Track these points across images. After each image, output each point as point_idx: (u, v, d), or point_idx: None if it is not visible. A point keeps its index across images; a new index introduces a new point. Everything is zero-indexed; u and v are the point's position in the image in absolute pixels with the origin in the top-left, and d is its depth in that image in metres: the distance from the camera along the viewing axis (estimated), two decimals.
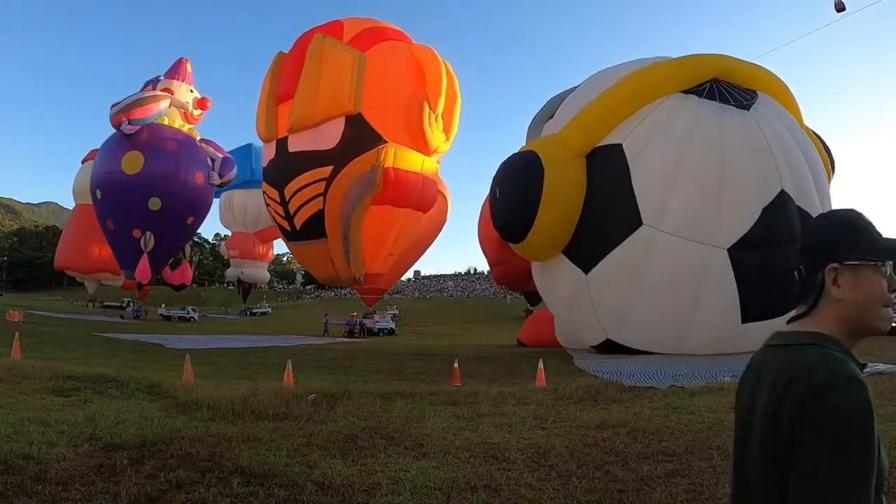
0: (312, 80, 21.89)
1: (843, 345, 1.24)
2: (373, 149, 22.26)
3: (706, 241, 12.33)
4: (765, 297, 12.37)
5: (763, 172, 12.62)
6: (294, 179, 22.50)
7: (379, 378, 12.08)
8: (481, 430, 6.15)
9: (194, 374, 9.72)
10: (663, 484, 4.31)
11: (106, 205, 31.96)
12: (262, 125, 24.00)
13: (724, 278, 12.43)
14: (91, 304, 56.06)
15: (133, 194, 30.78)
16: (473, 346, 26.32)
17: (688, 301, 12.67)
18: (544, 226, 13.50)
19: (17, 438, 4.96)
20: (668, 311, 12.97)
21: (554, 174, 13.29)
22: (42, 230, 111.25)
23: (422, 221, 25.62)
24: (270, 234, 51.35)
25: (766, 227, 12.39)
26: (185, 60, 36.50)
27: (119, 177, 30.95)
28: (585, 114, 14.00)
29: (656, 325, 13.35)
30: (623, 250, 12.87)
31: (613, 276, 13.19)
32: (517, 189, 14.01)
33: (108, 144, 33.16)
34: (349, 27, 23.67)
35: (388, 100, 22.53)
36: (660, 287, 12.75)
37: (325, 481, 4.25)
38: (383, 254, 24.94)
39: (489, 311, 65.15)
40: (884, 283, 1.24)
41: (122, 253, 33.42)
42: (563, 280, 14.58)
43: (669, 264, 12.58)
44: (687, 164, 12.59)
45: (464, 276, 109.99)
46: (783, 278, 12.46)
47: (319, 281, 34.88)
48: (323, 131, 21.99)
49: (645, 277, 12.80)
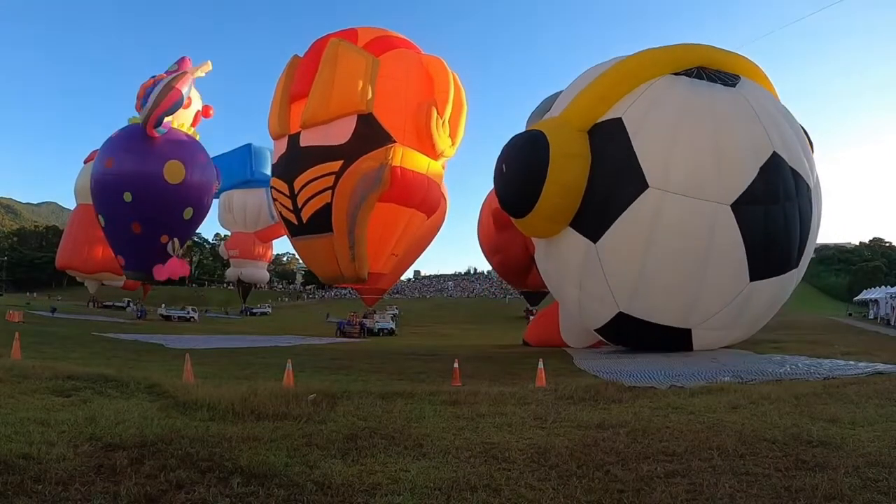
0: (327, 79, 22.55)
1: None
2: (382, 147, 22.83)
3: (710, 199, 12.84)
4: (769, 252, 13.12)
5: (754, 137, 13.31)
6: (304, 172, 23.01)
7: (379, 378, 12.08)
8: (481, 430, 6.15)
9: (194, 374, 9.72)
10: (663, 484, 4.31)
11: (137, 208, 31.69)
12: (274, 122, 24.46)
13: (730, 234, 12.89)
14: (91, 304, 56.09)
15: (173, 203, 31.82)
16: (473, 346, 26.34)
17: (698, 260, 13.07)
18: (550, 197, 13.86)
19: (17, 438, 4.96)
20: (680, 272, 13.31)
21: (559, 148, 13.78)
22: (42, 230, 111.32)
23: (424, 223, 25.93)
24: (270, 234, 51.43)
25: (764, 183, 12.97)
26: (187, 59, 36.46)
27: (161, 184, 31.40)
28: (584, 94, 14.64)
29: (669, 289, 13.60)
30: (631, 214, 13.21)
31: (623, 242, 13.43)
32: (523, 163, 14.40)
33: (133, 145, 31.89)
34: (363, 35, 24.56)
35: (399, 102, 23.34)
36: (670, 248, 13.12)
37: (325, 481, 4.25)
38: (386, 253, 25.19)
39: (489, 311, 65.17)
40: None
41: (139, 255, 33.30)
42: (572, 254, 14.61)
43: (677, 224, 13.01)
44: (684, 132, 13.31)
45: (464, 276, 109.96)
46: (784, 235, 13.40)
47: (320, 280, 34.86)
48: (335, 127, 22.62)
49: (654, 240, 13.16)
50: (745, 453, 5.11)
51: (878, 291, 39.46)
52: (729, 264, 13.23)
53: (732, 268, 13.27)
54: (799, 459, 4.88)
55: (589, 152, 13.93)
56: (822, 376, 10.75)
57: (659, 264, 13.31)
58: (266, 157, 49.12)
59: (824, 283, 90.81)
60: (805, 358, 15.15)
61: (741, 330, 15.19)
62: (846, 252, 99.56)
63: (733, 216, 12.87)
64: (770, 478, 4.42)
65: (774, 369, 12.19)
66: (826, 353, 16.62)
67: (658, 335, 14.57)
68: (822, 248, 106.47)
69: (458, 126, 25.63)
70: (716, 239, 12.95)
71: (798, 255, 14.21)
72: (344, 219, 22.88)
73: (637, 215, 13.18)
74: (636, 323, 14.43)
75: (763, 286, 13.61)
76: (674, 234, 13.08)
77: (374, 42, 24.13)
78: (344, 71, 22.42)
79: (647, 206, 13.07)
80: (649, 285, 13.65)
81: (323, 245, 23.62)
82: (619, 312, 14.50)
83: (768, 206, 13.04)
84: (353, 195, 22.68)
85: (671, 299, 13.76)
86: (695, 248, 13.05)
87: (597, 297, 14.70)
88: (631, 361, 15.56)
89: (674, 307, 13.93)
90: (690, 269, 13.24)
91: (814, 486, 4.16)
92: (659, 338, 14.68)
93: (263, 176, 47.53)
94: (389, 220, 23.90)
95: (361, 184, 22.63)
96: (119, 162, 32.11)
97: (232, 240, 55.44)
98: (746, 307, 13.88)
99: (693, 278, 13.31)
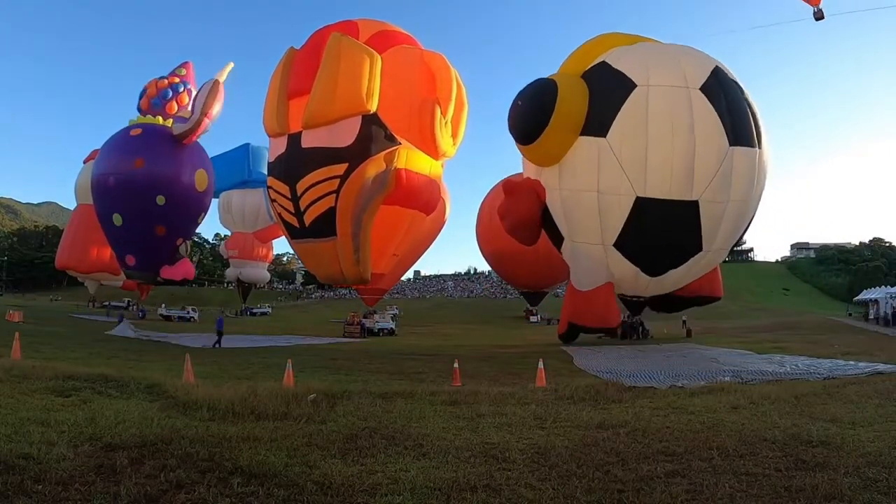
0: (330, 77, 21.86)
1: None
2: (387, 149, 22.40)
3: (684, 85, 17.16)
4: (736, 123, 17.17)
5: (701, 56, 18.87)
6: (307, 175, 22.31)
7: (379, 378, 12.08)
8: (481, 430, 6.15)
9: (194, 374, 9.72)
10: (663, 484, 4.31)
11: (167, 212, 32.08)
12: (272, 120, 23.65)
13: (704, 109, 16.96)
14: (91, 304, 56.05)
15: (196, 210, 33.74)
16: (473, 346, 26.32)
17: (686, 131, 16.70)
18: (559, 122, 17.60)
19: (17, 438, 4.95)
20: (675, 144, 16.76)
21: (565, 88, 17.96)
22: (42, 230, 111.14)
23: (425, 223, 25.68)
24: (269, 234, 51.15)
25: (717, 78, 17.70)
26: (190, 64, 36.63)
27: (193, 192, 32.62)
28: (572, 57, 19.60)
29: (670, 161, 16.87)
30: (627, 108, 17.05)
31: (627, 130, 17.07)
32: (536, 98, 18.16)
33: (162, 148, 31.89)
34: (364, 28, 23.75)
35: (401, 102, 22.67)
36: (663, 126, 16.78)
37: (325, 481, 4.25)
38: (388, 254, 24.93)
39: (489, 311, 65.13)
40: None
41: (153, 256, 33.60)
42: (587, 159, 17.90)
43: (663, 108, 16.96)
44: (653, 56, 18.26)
45: (464, 276, 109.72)
46: (745, 114, 17.80)
47: (320, 281, 34.84)
48: (339, 129, 21.97)
49: (649, 121, 16.91)
50: (745, 453, 5.11)
51: (878, 291, 39.44)
52: (710, 132, 16.90)
53: (713, 135, 16.98)
54: (799, 459, 4.88)
55: (587, 89, 17.94)
56: (822, 376, 10.76)
57: (657, 140, 16.81)
58: (263, 157, 48.85)
59: (824, 283, 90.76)
60: (805, 358, 15.17)
61: (735, 207, 17.86)
62: (846, 252, 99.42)
63: (703, 96, 17.08)
64: (770, 478, 4.42)
65: (774, 369, 12.21)
66: (826, 353, 16.64)
67: (672, 219, 17.33)
68: (823, 248, 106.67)
69: (460, 125, 25.16)
70: (694, 112, 16.84)
71: (758, 137, 17.94)
72: (349, 222, 22.40)
73: (632, 107, 16.98)
74: (652, 206, 17.21)
75: (741, 155, 17.23)
76: (663, 116, 16.81)
77: (375, 37, 23.27)
78: (347, 69, 21.64)
79: (639, 99, 17.06)
80: (654, 159, 16.94)
81: (326, 249, 23.18)
82: (636, 198, 17.25)
83: (725, 91, 17.53)
84: (359, 198, 22.10)
85: (674, 171, 16.89)
86: (680, 123, 16.74)
87: (615, 190, 17.51)
88: (631, 361, 15.58)
89: (678, 178, 16.84)
90: (682, 139, 16.75)
91: (814, 486, 4.16)
92: (673, 223, 17.42)
93: (262, 176, 47.32)
94: (392, 221, 23.45)
95: (367, 186, 22.15)
96: (151, 163, 31.67)
97: (231, 240, 55.09)
98: (732, 176, 17.17)
99: (687, 147, 16.73)
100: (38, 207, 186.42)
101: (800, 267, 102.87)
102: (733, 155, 17.08)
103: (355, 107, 21.79)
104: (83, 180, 40.23)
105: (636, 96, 17.17)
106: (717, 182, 17.04)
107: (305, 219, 22.84)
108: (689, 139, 16.78)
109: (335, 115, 21.87)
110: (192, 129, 31.26)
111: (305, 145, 22.49)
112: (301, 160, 22.61)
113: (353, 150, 21.98)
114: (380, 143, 22.30)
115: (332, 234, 22.61)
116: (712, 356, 16.71)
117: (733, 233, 18.60)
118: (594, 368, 13.82)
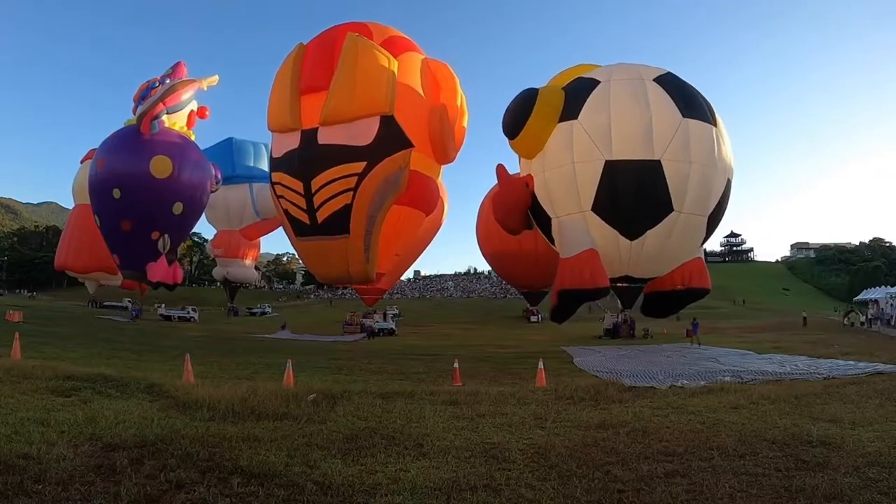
0: (349, 75, 22.09)
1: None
2: (402, 150, 22.80)
3: (640, 77, 20.67)
4: (691, 103, 20.01)
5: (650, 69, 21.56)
6: (324, 172, 22.43)
7: (379, 378, 12.08)
8: (481, 430, 6.14)
9: (194, 374, 9.71)
10: (663, 484, 4.31)
11: (126, 205, 31.73)
12: (283, 115, 23.52)
13: (658, 91, 20.04)
14: (91, 304, 56.00)
15: (161, 198, 31.39)
16: (473, 346, 26.33)
17: (644, 106, 19.70)
18: (540, 111, 21.08)
19: (17, 438, 4.95)
20: (635, 115, 19.53)
21: (545, 91, 21.88)
22: (42, 230, 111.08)
23: (425, 223, 25.89)
24: (255, 232, 49.84)
25: (671, 75, 20.86)
26: (182, 64, 36.49)
27: (147, 179, 31.18)
28: (555, 78, 23.15)
29: (631, 129, 19.47)
30: (594, 95, 20.46)
31: (594, 111, 20.17)
32: (521, 98, 21.59)
33: (123, 143, 32.11)
34: (376, 32, 24.09)
35: (414, 107, 23.22)
36: (623, 104, 19.84)
37: (325, 481, 4.25)
38: (392, 254, 25.04)
39: (489, 311, 65.12)
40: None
41: (132, 253, 33.28)
42: (564, 140, 20.61)
43: (623, 91, 20.17)
44: (615, 73, 21.43)
45: (464, 276, 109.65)
46: (698, 95, 20.75)
47: (320, 280, 34.52)
48: (357, 127, 22.14)
49: (612, 102, 20.13)
50: (745, 453, 5.11)
51: (878, 291, 39.45)
52: (664, 106, 19.63)
53: (667, 108, 19.65)
54: (799, 459, 4.88)
55: (562, 91, 21.36)
56: (822, 376, 10.77)
57: (619, 111, 19.77)
58: (247, 152, 47.96)
59: (824, 282, 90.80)
60: (805, 358, 15.18)
61: (699, 170, 19.81)
62: (846, 252, 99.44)
63: (657, 84, 20.05)
64: (770, 478, 4.42)
65: (774, 369, 12.21)
66: (826, 353, 16.65)
67: (640, 177, 19.41)
68: (823, 248, 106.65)
69: (462, 133, 25.94)
70: (650, 95, 19.74)
71: (712, 115, 20.54)
72: (363, 221, 22.55)
73: (598, 95, 20.28)
74: (620, 167, 19.44)
75: (695, 125, 19.61)
76: (623, 96, 20.00)
77: (387, 42, 23.56)
78: (366, 69, 21.88)
79: (603, 88, 20.45)
80: (617, 127, 19.70)
81: (335, 247, 23.20)
82: (605, 162, 19.60)
83: (678, 83, 20.65)
84: (374, 197, 22.42)
85: (636, 136, 19.37)
86: (638, 100, 19.71)
87: (587, 158, 20.02)
88: (631, 361, 15.59)
89: (640, 142, 19.38)
90: (640, 108, 19.64)
91: (814, 485, 4.15)
92: (642, 181, 19.41)
93: (246, 171, 46.63)
94: (398, 221, 23.75)
95: (382, 186, 22.50)
96: (108, 161, 32.17)
97: (217, 238, 52.38)
98: (689, 141, 19.39)
99: (644, 114, 19.46)
100: (38, 207, 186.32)
101: (800, 267, 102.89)
102: (688, 125, 19.69)
103: (376, 107, 22.13)
104: (80, 180, 40.18)
105: (601, 87, 21.06)
106: (675, 144, 19.54)
107: (319, 215, 22.84)
108: (646, 112, 19.77)
109: (355, 113, 22.06)
110: (144, 112, 30.46)
111: (322, 142, 22.49)
112: (318, 157, 22.56)
113: (372, 150, 22.20)
114: (396, 145, 22.64)
115: (345, 232, 22.72)
116: (712, 356, 16.72)
117: (704, 199, 20.13)
118: (594, 368, 13.84)
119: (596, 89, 20.86)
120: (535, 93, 21.84)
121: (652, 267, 21.61)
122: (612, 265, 21.86)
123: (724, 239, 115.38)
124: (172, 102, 31.28)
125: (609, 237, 20.63)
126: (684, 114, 19.74)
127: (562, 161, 20.96)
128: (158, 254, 32.52)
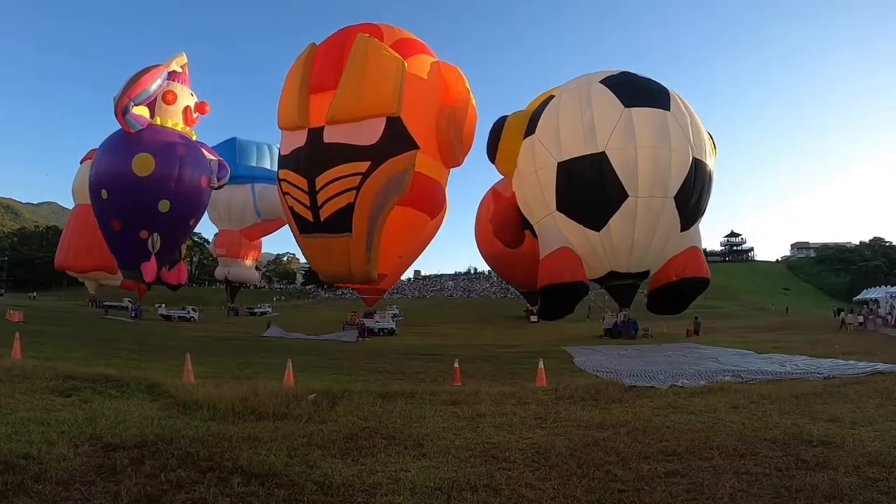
0: (357, 76, 22.12)
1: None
2: (407, 151, 22.76)
3: (588, 82, 22.47)
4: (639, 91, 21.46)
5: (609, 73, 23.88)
6: (329, 170, 22.50)
7: (379, 378, 12.09)
8: (481, 430, 6.15)
9: (194, 374, 9.71)
10: (663, 484, 4.31)
11: (112, 205, 31.84)
12: (292, 113, 23.62)
13: (599, 89, 21.67)
14: (91, 304, 55.96)
15: (144, 196, 31.22)
16: (473, 345, 26.34)
17: (584, 103, 21.45)
18: (508, 134, 23.44)
19: (17, 438, 4.95)
20: (576, 116, 21.15)
21: (512, 116, 24.10)
22: (42, 230, 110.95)
23: (428, 225, 25.93)
24: (256, 232, 49.77)
25: (623, 73, 22.79)
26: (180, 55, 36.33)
27: (129, 178, 31.06)
28: (531, 103, 25.14)
29: (575, 129, 21.00)
30: (548, 108, 22.65)
31: (546, 120, 22.29)
32: (493, 129, 24.00)
33: (111, 144, 32.84)
34: (388, 34, 24.17)
35: (422, 109, 23.34)
36: (568, 108, 21.73)
37: (325, 481, 4.25)
38: (394, 254, 25.06)
39: (489, 311, 65.05)
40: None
41: (125, 253, 33.31)
42: (527, 155, 22.71)
43: (568, 97, 22.30)
44: (571, 82, 23.91)
45: (464, 275, 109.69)
46: (646, 84, 22.10)
47: (322, 279, 34.43)
48: (363, 127, 22.25)
49: (560, 109, 22.17)
50: (745, 453, 5.11)
51: (878, 291, 39.46)
52: (605, 102, 20.93)
53: (607, 102, 20.85)
54: (799, 459, 4.88)
55: (528, 114, 23.63)
56: (822, 376, 10.76)
57: (565, 119, 21.55)
58: (250, 152, 47.86)
59: (824, 282, 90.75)
60: (805, 358, 15.18)
61: (648, 153, 20.37)
62: (846, 252, 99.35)
63: (602, 85, 21.63)
64: (770, 477, 4.42)
65: (774, 369, 12.21)
66: (826, 353, 16.65)
67: (589, 171, 20.56)
68: (823, 248, 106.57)
69: (471, 137, 26.12)
70: (592, 95, 21.45)
71: (666, 98, 21.39)
72: (365, 220, 22.61)
73: (551, 106, 22.41)
74: (571, 165, 20.85)
75: (639, 113, 20.42)
76: (568, 101, 21.92)
77: (398, 44, 23.65)
78: (375, 70, 22.00)
79: (554, 103, 22.56)
80: (563, 131, 21.36)
81: (338, 245, 23.26)
82: (557, 164, 21.11)
83: (629, 78, 22.16)
84: (377, 198, 22.44)
85: (579, 134, 20.82)
86: (580, 101, 21.44)
87: (543, 164, 21.73)
88: (631, 361, 15.60)
89: (584, 139, 20.70)
90: (581, 111, 21.15)
91: (814, 485, 4.15)
92: (591, 175, 20.55)
93: (248, 171, 46.50)
94: (402, 222, 23.75)
95: (386, 187, 22.48)
96: (98, 163, 32.59)
97: (219, 238, 52.45)
98: (634, 129, 20.24)
99: (586, 118, 20.86)
100: (38, 207, 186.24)
101: (800, 267, 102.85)
102: (631, 113, 20.45)
103: (383, 107, 22.23)
104: (80, 180, 40.22)
105: (553, 100, 22.71)
106: (617, 134, 20.35)
107: (322, 213, 22.94)
108: (587, 110, 20.99)
109: (361, 113, 22.20)
110: (114, 110, 30.41)
111: (328, 140, 22.55)
112: (323, 155, 22.69)
113: (377, 150, 22.32)
114: (402, 146, 22.74)
115: (348, 231, 22.78)
116: (712, 356, 16.72)
117: (662, 181, 20.66)
118: (594, 368, 13.84)
119: (549, 103, 22.60)
120: (504, 119, 24.02)
121: (634, 260, 21.85)
122: (593, 262, 22.65)
123: (725, 239, 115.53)
124: (137, 92, 30.97)
125: (578, 233, 21.81)
126: (626, 104, 20.64)
127: (528, 172, 22.72)
128: (149, 253, 32.41)
